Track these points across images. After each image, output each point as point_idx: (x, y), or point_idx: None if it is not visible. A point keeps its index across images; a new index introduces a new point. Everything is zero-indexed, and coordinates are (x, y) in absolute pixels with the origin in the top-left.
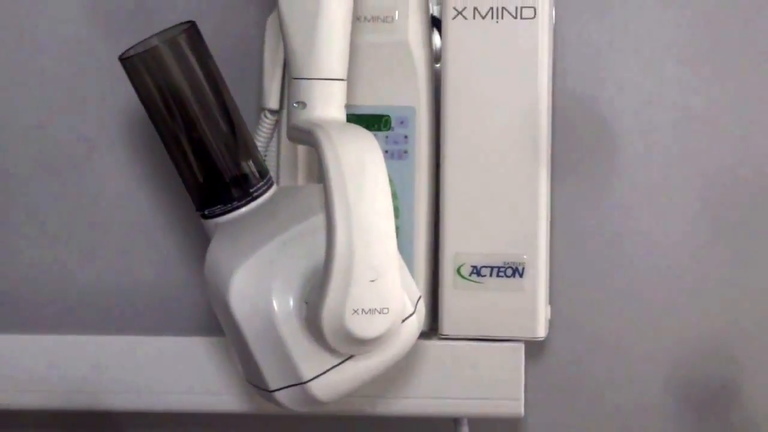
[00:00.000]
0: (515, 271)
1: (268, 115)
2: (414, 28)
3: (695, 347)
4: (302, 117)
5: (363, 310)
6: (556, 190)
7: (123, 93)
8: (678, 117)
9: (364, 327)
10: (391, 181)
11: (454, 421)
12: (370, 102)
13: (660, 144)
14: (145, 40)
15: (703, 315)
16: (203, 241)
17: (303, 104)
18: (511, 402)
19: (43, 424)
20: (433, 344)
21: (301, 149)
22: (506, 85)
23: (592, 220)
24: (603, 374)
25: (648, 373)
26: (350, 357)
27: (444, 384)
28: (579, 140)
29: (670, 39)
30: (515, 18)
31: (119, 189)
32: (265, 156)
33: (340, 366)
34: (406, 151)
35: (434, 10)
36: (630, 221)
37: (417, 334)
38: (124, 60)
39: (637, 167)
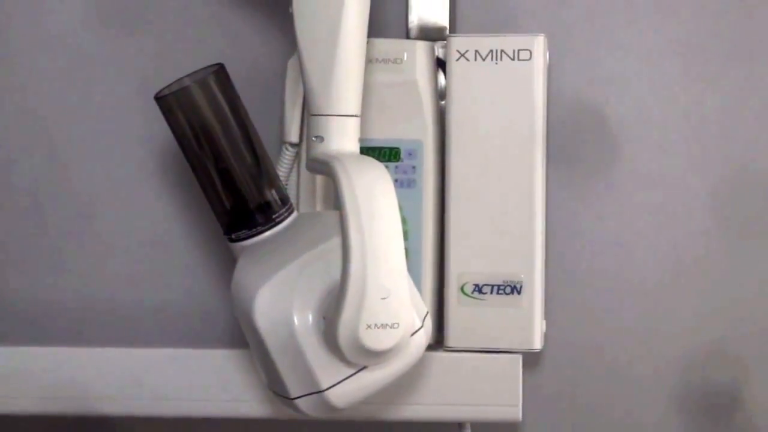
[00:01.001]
0: (513, 288)
1: (289, 148)
2: (421, 68)
3: (682, 356)
4: (320, 150)
5: (375, 324)
6: (550, 214)
7: (158, 127)
8: (672, 141)
9: (376, 340)
10: (400, 207)
11: (459, 426)
12: (381, 136)
13: (654, 164)
14: (178, 80)
15: (690, 326)
16: (230, 262)
17: (321, 138)
18: (510, 408)
19: (84, 429)
20: (439, 355)
21: (319, 179)
22: (505, 121)
23: (584, 242)
24: (593, 382)
25: (635, 380)
26: (364, 367)
27: (449, 391)
28: (573, 164)
29: (662, 48)
30: (513, 60)
31: (154, 215)
32: (287, 185)
33: (355, 376)
34: (414, 180)
35: (439, 53)
36: (619, 243)
37: (424, 346)
38: (159, 99)
39: (630, 188)
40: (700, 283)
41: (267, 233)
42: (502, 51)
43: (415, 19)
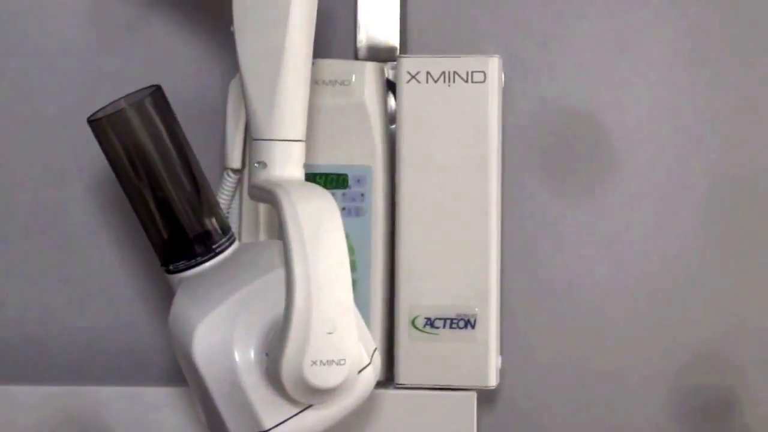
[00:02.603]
0: (467, 322)
1: (231, 174)
2: (370, 91)
3: (646, 395)
4: (263, 176)
5: (321, 361)
6: (506, 243)
7: (91, 152)
8: (634, 171)
9: (321, 378)
10: (348, 236)
11: None
12: (328, 161)
13: (618, 191)
14: (112, 102)
15: (656, 364)
16: (168, 295)
17: (263, 164)
18: None
19: None
20: (389, 393)
21: (263, 207)
22: (458, 145)
23: (542, 273)
24: (550, 421)
25: (596, 419)
26: (309, 406)
27: (399, 431)
28: (529, 191)
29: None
30: (466, 82)
31: (86, 244)
32: (228, 213)
33: (300, 415)
34: (362, 209)
35: (389, 74)
36: (580, 275)
37: (373, 383)
38: (93, 122)
39: (592, 215)
40: (666, 318)
41: (207, 264)
42: (454, 72)
43: (363, 38)
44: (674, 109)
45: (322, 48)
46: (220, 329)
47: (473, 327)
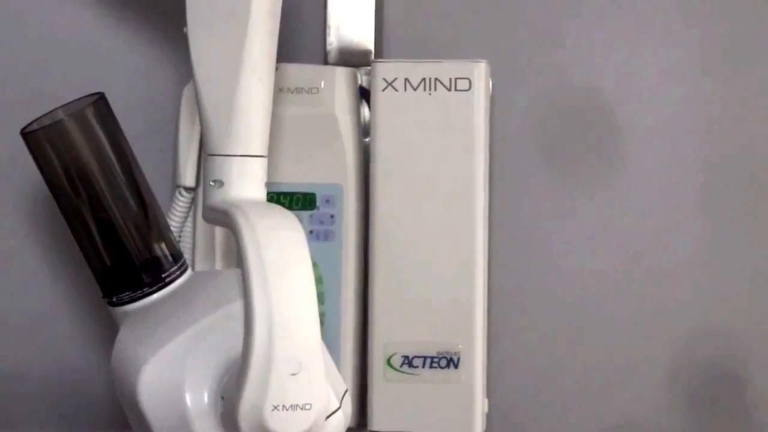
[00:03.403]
0: (450, 361)
1: (184, 193)
2: (341, 99)
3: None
4: (219, 196)
5: (284, 405)
6: (494, 272)
7: (25, 168)
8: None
9: (284, 424)
10: (315, 264)
11: None
12: (293, 179)
13: (610, 215)
14: (50, 112)
15: (653, 404)
16: (111, 330)
17: (220, 183)
18: None
19: None
20: None
21: (219, 231)
22: (440, 161)
23: (532, 306)
24: None
25: None
26: None
27: None
28: (520, 212)
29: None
30: (449, 90)
31: (15, 271)
32: (180, 238)
33: None
34: (332, 232)
35: (363, 81)
36: (574, 305)
37: (343, 430)
38: (27, 134)
39: (581, 243)
40: (660, 355)
41: (155, 296)
42: (436, 79)
43: (334, 41)
44: (675, 111)
45: (287, 51)
46: (170, 370)
47: (456, 366)
